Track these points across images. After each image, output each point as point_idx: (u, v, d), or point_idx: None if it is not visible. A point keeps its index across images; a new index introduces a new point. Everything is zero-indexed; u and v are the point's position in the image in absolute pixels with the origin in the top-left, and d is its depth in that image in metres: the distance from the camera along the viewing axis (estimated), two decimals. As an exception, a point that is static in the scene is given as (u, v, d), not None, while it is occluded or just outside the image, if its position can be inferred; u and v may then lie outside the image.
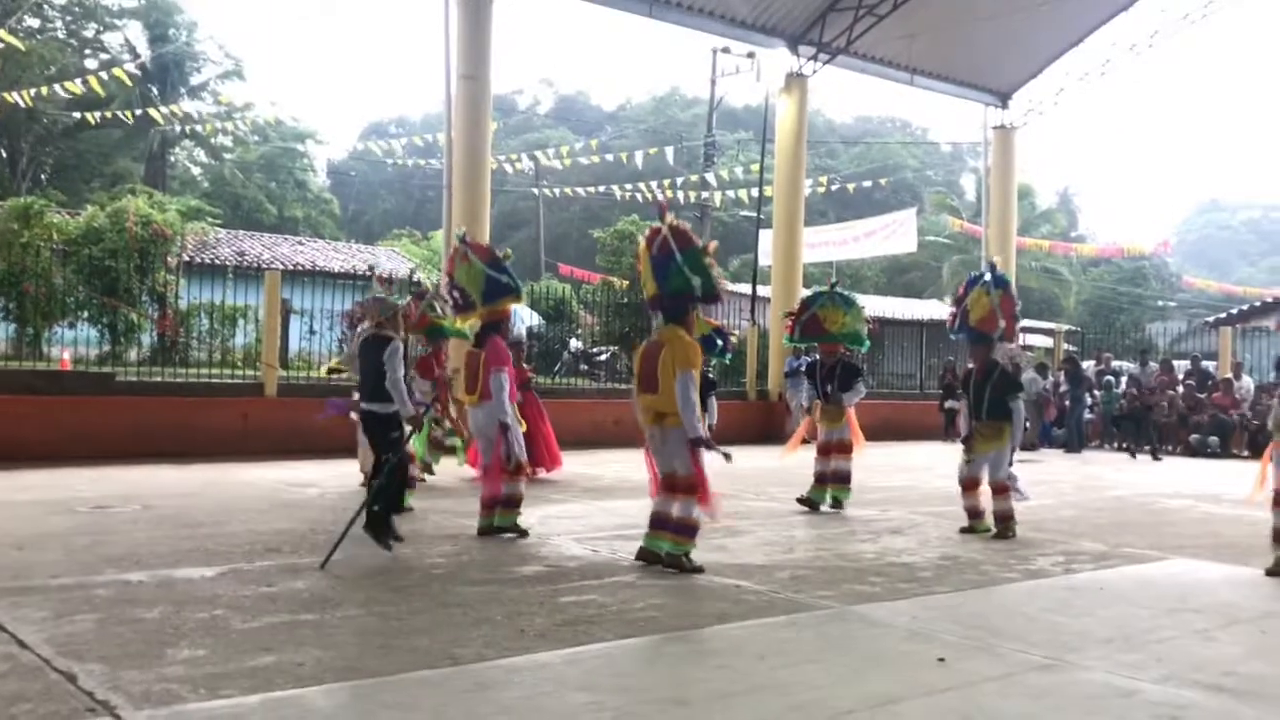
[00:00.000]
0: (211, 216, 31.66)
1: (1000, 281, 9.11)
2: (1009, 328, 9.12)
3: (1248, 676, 4.75)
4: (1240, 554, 8.06)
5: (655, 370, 6.77)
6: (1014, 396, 8.90)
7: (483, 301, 8.11)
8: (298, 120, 50.30)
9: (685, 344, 6.78)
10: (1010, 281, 9.53)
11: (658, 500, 7.01)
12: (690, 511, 6.83)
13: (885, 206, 41.77)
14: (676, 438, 6.78)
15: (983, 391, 8.84)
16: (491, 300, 8.12)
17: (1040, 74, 24.42)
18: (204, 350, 18.36)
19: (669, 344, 6.78)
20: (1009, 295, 9.08)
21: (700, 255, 6.90)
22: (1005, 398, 8.82)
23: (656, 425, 6.86)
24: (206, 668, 4.46)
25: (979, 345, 9.10)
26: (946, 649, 5.05)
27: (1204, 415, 18.98)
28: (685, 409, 6.65)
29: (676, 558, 6.83)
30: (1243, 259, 78.22)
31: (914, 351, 24.65)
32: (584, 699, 4.21)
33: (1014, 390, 8.97)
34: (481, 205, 16.64)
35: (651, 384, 6.80)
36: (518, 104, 66.26)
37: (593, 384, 20.58)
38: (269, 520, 8.58)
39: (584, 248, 38.67)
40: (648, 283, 7.11)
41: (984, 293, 8.97)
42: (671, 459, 6.88)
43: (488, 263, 8.11)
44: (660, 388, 6.74)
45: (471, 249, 8.22)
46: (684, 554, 6.84)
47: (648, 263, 7.01)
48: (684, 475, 6.83)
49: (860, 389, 10.31)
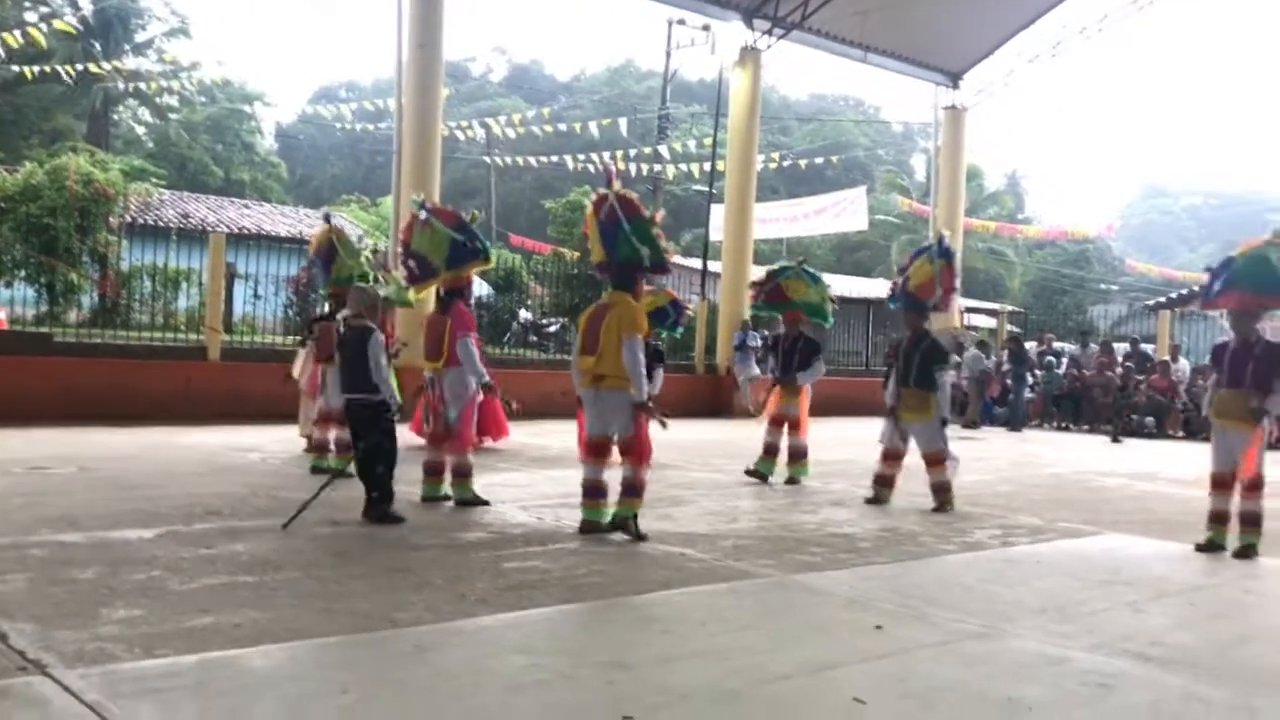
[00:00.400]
0: (156, 177, 31.06)
1: (945, 252, 9.21)
2: (945, 298, 9.21)
3: (1174, 646, 4.87)
4: (1171, 530, 8.24)
5: (599, 332, 6.79)
6: (941, 368, 8.99)
7: (447, 266, 7.97)
8: (246, 81, 49.42)
9: (633, 309, 6.81)
10: (955, 254, 9.64)
11: (588, 468, 7.04)
12: (637, 473, 6.87)
13: (837, 184, 41.97)
14: (614, 401, 6.83)
15: (911, 359, 8.95)
16: (457, 265, 8.01)
17: (991, 55, 24.57)
18: (146, 313, 17.99)
19: (615, 307, 6.80)
20: (951, 267, 9.18)
21: (647, 225, 6.93)
22: (933, 368, 8.90)
23: (594, 388, 6.89)
24: (142, 628, 4.41)
25: (913, 312, 9.19)
26: (884, 617, 5.12)
27: (1141, 396, 19.34)
28: (634, 371, 6.68)
29: (625, 519, 6.86)
30: (1183, 244, 79.64)
31: (861, 329, 24.84)
32: (524, 662, 4.22)
33: (941, 361, 9.05)
34: (431, 172, 16.46)
35: (593, 345, 6.83)
36: (470, 71, 65.58)
37: (541, 355, 20.53)
38: (209, 484, 8.49)
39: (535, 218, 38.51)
40: (595, 247, 7.15)
41: (927, 261, 9.08)
42: (607, 422, 6.92)
43: (453, 226, 7.98)
44: (601, 349, 6.76)
45: (435, 214, 8.06)
46: (632, 516, 6.87)
47: (595, 228, 7.04)
48: (625, 438, 6.86)
49: (819, 367, 10.38)
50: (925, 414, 8.93)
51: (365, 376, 7.07)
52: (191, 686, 3.76)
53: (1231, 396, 7.31)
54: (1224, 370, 7.37)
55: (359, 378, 7.13)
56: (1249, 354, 7.26)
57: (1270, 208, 64.01)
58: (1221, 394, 7.39)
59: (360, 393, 7.15)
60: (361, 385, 7.12)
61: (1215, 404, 7.47)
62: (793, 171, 38.13)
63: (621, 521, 6.86)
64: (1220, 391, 7.41)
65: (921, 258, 9.16)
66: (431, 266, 8.03)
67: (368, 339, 7.11)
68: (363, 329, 7.19)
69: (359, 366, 7.11)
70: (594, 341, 6.83)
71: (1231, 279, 7.33)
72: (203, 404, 13.72)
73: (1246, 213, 62.01)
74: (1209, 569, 6.89)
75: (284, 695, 3.71)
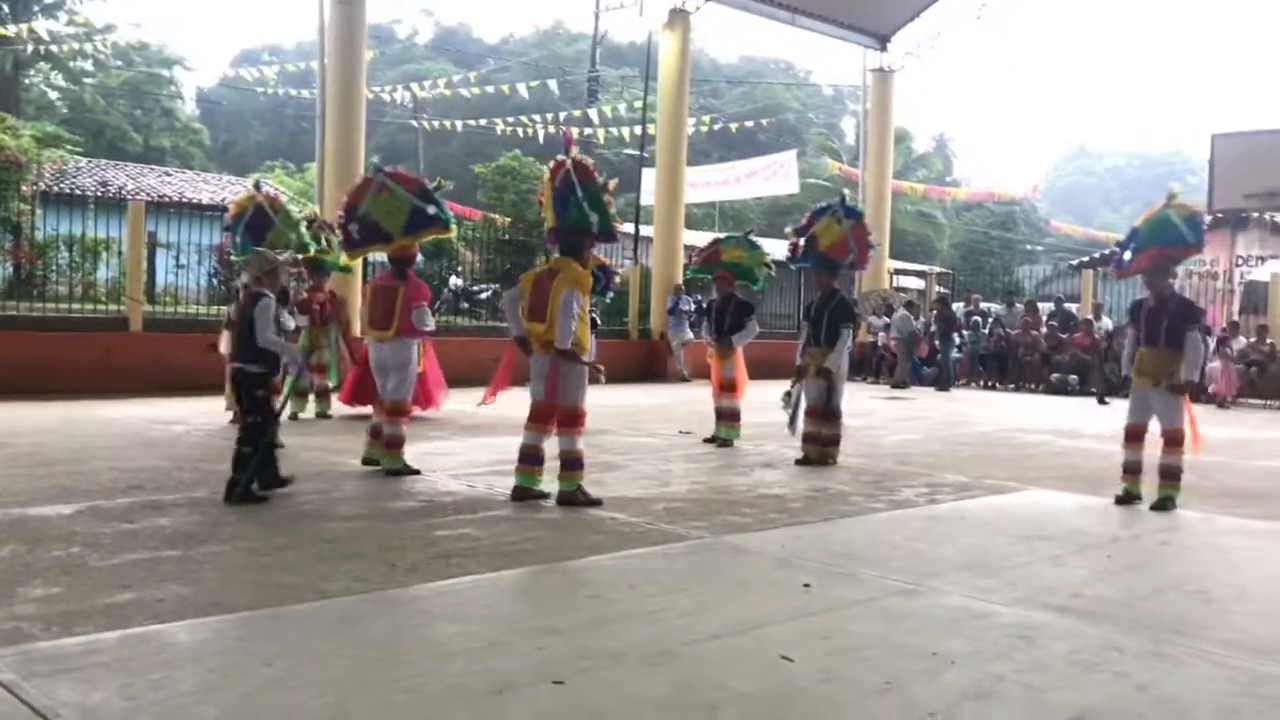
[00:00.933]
0: (71, 144, 30.15)
1: (852, 212, 9.41)
2: (861, 256, 9.37)
3: (1093, 598, 5.00)
4: (1092, 485, 8.45)
5: (546, 298, 6.75)
6: (845, 324, 9.13)
7: (403, 232, 7.84)
8: (164, 45, 48.07)
9: (577, 273, 6.80)
10: (863, 212, 9.80)
11: (528, 434, 7.01)
12: (574, 444, 6.87)
13: (768, 148, 42.02)
14: (562, 368, 6.79)
15: (822, 318, 9.07)
16: (413, 231, 7.90)
17: (918, 17, 24.70)
18: (64, 284, 17.50)
19: (561, 272, 6.77)
20: (861, 225, 9.35)
21: (600, 191, 6.96)
22: (838, 325, 9.04)
23: (544, 353, 6.85)
24: (60, 606, 4.32)
25: (825, 271, 9.34)
26: (812, 576, 5.18)
27: (1065, 354, 19.74)
28: (563, 319, 6.63)
29: (570, 494, 6.85)
30: (1106, 205, 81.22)
31: (792, 292, 24.99)
32: (454, 629, 4.20)
33: (847, 318, 9.20)
34: (356, 136, 16.19)
35: (540, 313, 6.79)
36: (396, 34, 64.41)
37: (474, 322, 20.37)
38: (132, 458, 8.31)
39: (465, 183, 38.00)
40: (548, 214, 7.12)
41: (834, 221, 9.17)
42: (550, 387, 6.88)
43: (416, 193, 7.85)
44: (549, 316, 6.71)
45: (396, 179, 7.91)
46: (576, 489, 6.87)
47: (550, 194, 7.02)
48: (563, 406, 6.84)
49: (752, 327, 10.46)
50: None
51: (252, 343, 6.75)
52: (112, 663, 3.69)
53: (1150, 354, 7.51)
54: (1141, 327, 7.56)
55: (246, 345, 6.81)
56: (1164, 310, 7.47)
57: (1189, 168, 65.43)
58: (1141, 352, 7.57)
59: (244, 361, 6.84)
60: (246, 353, 6.81)
61: (1135, 362, 7.65)
62: (724, 135, 38.17)
63: (569, 497, 6.85)
64: (1140, 349, 7.59)
65: (827, 217, 9.26)
66: (382, 232, 7.86)
67: (255, 304, 6.79)
68: (255, 295, 6.87)
69: (246, 333, 6.82)
70: (541, 308, 6.78)
71: (1140, 245, 7.57)
72: (125, 376, 13.42)
73: (1166, 173, 63.23)
74: (1127, 522, 7.07)
75: (207, 669, 3.65)
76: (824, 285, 9.34)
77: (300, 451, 8.87)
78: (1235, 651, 4.24)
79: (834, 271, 9.36)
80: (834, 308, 9.12)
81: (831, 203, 9.57)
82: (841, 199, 9.63)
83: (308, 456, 8.67)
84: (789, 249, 9.67)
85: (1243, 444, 11.84)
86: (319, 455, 8.79)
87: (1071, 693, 3.71)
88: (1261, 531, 6.84)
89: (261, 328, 6.67)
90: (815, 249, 9.25)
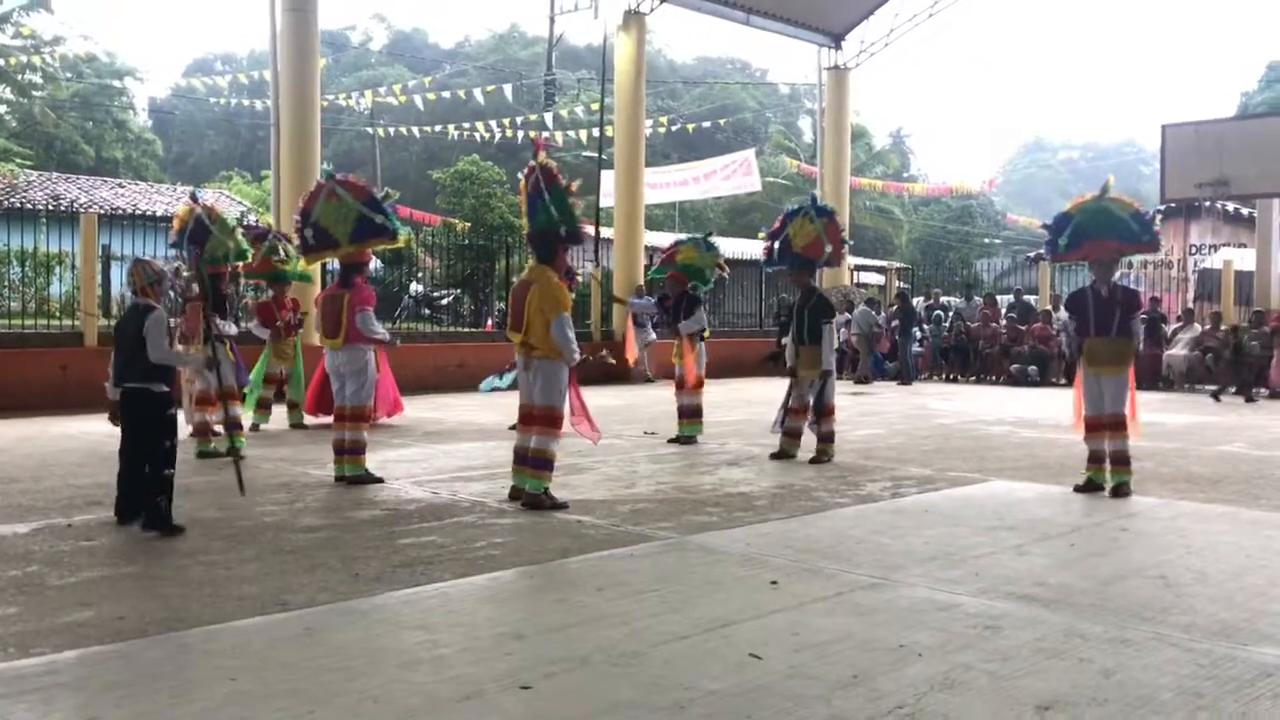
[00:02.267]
0: (21, 158, 29.74)
1: (823, 211, 9.56)
2: (836, 252, 9.50)
3: (1056, 586, 5.04)
4: (1054, 474, 8.53)
5: (522, 308, 6.85)
6: (826, 320, 9.26)
7: (349, 240, 7.83)
8: (114, 56, 47.46)
9: (552, 287, 6.86)
10: (835, 211, 9.92)
11: (520, 436, 7.09)
12: (546, 445, 6.89)
13: (726, 148, 42.14)
14: (543, 370, 6.85)
15: (803, 317, 9.18)
16: (360, 240, 7.87)
17: (871, 15, 24.86)
18: (17, 299, 17.25)
19: (536, 284, 6.85)
20: (834, 223, 9.51)
21: (565, 194, 7.01)
22: (819, 322, 9.18)
23: (525, 356, 6.94)
24: (16, 626, 4.25)
25: (803, 271, 9.46)
26: (779, 573, 5.20)
27: (1024, 346, 19.93)
28: (565, 347, 6.79)
29: (536, 497, 6.86)
30: (1062, 197, 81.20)
31: (754, 291, 25.07)
32: (420, 638, 4.17)
33: (827, 315, 9.33)
34: (311, 144, 16.04)
35: (518, 322, 6.90)
36: (350, 40, 63.98)
37: (435, 328, 20.28)
38: (90, 474, 8.21)
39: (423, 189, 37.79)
40: (525, 219, 7.25)
41: (807, 220, 9.28)
42: (533, 389, 6.93)
43: (364, 201, 7.83)
44: (526, 324, 6.81)
45: (345, 186, 7.87)
46: (543, 491, 6.89)
47: (525, 200, 7.13)
48: (540, 407, 6.86)
49: (700, 315, 10.52)
50: (818, 369, 9.16)
51: (144, 361, 6.14)
52: (71, 683, 3.64)
53: (1102, 344, 7.64)
54: (1090, 318, 7.69)
55: (136, 363, 6.17)
56: (1113, 301, 7.61)
57: (1142, 159, 66.36)
58: (1092, 341, 7.68)
59: (136, 381, 6.22)
60: (138, 373, 6.19)
61: (1086, 352, 7.75)
62: (682, 135, 38.23)
63: (534, 500, 6.86)
64: (1090, 339, 7.70)
65: (799, 219, 9.37)
66: (331, 239, 7.86)
67: (146, 316, 6.18)
68: (143, 307, 6.29)
69: (136, 349, 6.14)
70: (519, 318, 6.90)
71: (1081, 232, 7.69)
72: (81, 392, 13.17)
73: (1120, 164, 64.07)
74: (1088, 510, 7.15)
75: (169, 687, 3.60)
76: (801, 284, 9.49)
77: (263, 463, 8.79)
78: (1196, 635, 4.29)
79: (810, 270, 9.53)
80: (814, 305, 9.26)
81: (803, 203, 9.68)
82: (812, 199, 9.77)
83: (270, 468, 8.59)
84: (763, 253, 9.75)
85: (1199, 430, 12.00)
86: (280, 466, 8.71)
87: (1037, 680, 3.74)
88: (1219, 515, 6.93)
89: (155, 343, 6.11)
90: (790, 250, 9.36)
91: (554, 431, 6.92)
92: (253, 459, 8.85)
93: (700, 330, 10.50)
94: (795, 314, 9.39)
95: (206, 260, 8.65)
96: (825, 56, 25.32)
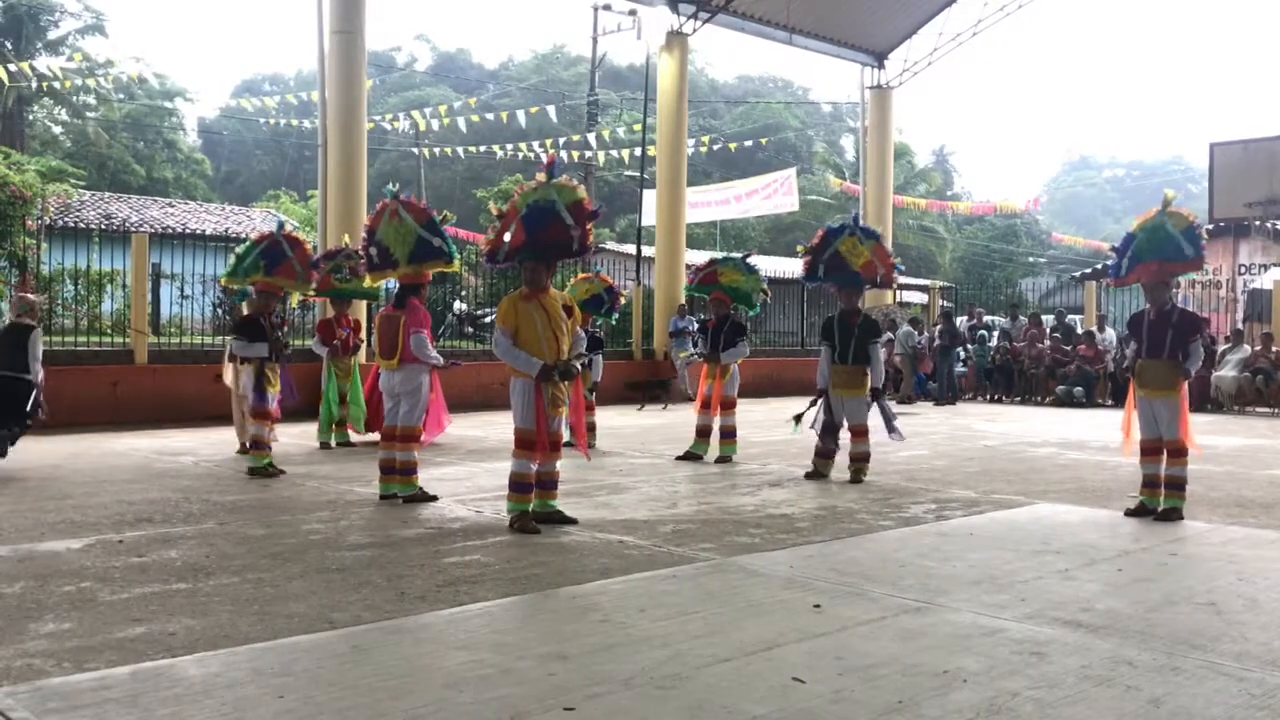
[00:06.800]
0: (75, 178, 30.30)
1: (870, 233, 9.51)
2: (888, 274, 9.51)
3: (1103, 612, 4.98)
4: (1101, 497, 8.43)
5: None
6: (875, 342, 9.30)
7: (408, 261, 7.93)
8: (165, 77, 48.34)
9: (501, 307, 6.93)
10: (880, 233, 9.92)
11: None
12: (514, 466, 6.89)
13: (768, 166, 42.12)
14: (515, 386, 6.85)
15: (850, 336, 9.18)
16: (418, 261, 7.98)
17: (915, 34, 24.83)
18: (70, 317, 17.59)
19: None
20: (882, 247, 9.52)
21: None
22: (868, 343, 9.21)
23: None
24: (71, 641, 4.33)
25: (853, 289, 9.52)
26: (822, 596, 5.18)
27: (1070, 366, 19.73)
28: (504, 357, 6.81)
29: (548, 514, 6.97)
30: (1108, 216, 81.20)
31: (795, 310, 25.02)
32: (464, 658, 4.20)
33: (876, 335, 9.38)
34: (358, 164, 16.27)
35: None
36: (395, 61, 64.75)
37: (479, 346, 20.40)
38: (140, 490, 8.33)
39: (468, 208, 38.12)
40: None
41: (856, 241, 9.24)
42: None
43: (423, 224, 7.93)
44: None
45: (406, 207, 7.97)
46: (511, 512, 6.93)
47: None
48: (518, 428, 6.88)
49: (743, 348, 10.54)
50: (862, 389, 9.20)
51: (20, 359, 8.89)
52: (123, 699, 3.69)
53: (1153, 366, 7.52)
54: (1143, 340, 7.58)
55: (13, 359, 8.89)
56: (1167, 323, 7.49)
57: (1190, 176, 65.49)
58: (1143, 364, 7.58)
59: (10, 370, 8.85)
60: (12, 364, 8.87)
61: (1138, 374, 7.65)
62: (724, 155, 38.23)
63: (545, 516, 6.94)
64: (1142, 361, 7.59)
65: (846, 237, 9.29)
66: (391, 258, 7.97)
67: (28, 335, 9.04)
68: (23, 327, 9.15)
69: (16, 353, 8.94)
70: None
71: (1137, 254, 7.58)
72: (132, 408, 13.47)
73: (1167, 182, 63.06)
74: (1136, 534, 7.05)
75: (219, 703, 3.65)
76: (849, 303, 9.48)
77: (309, 480, 8.89)
78: (1248, 663, 4.23)
79: (861, 289, 9.60)
80: (863, 325, 9.29)
81: (845, 222, 9.64)
82: (855, 219, 9.73)
83: (316, 485, 8.68)
84: (804, 267, 9.67)
85: (1250, 453, 11.81)
86: (326, 484, 8.80)
87: (1085, 708, 3.70)
88: (1271, 541, 6.81)
89: (34, 356, 8.96)
90: (846, 268, 9.31)
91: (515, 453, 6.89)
92: (296, 477, 8.97)
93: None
94: (842, 332, 9.36)
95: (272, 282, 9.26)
96: (868, 76, 25.32)
